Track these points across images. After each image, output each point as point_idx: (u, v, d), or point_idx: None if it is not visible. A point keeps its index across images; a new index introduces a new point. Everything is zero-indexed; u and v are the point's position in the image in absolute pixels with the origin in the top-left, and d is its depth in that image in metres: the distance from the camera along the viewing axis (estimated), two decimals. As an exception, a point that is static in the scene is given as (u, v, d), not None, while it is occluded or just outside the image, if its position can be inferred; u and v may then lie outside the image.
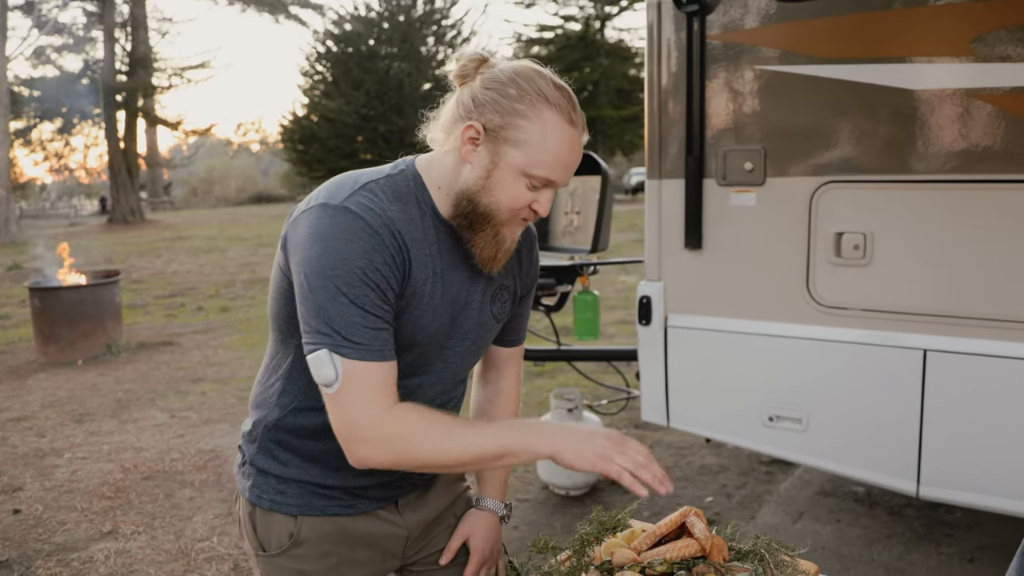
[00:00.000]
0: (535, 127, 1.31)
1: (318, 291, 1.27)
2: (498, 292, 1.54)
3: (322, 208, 1.31)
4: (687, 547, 1.43)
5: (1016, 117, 2.44)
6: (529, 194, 1.35)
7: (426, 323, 1.40)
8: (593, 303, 3.85)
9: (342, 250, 1.27)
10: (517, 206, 1.36)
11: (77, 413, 5.83)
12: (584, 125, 1.37)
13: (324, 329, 1.27)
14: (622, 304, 9.51)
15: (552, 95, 1.32)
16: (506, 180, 1.33)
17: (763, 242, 2.89)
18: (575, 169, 1.38)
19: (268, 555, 1.55)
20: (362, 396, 1.29)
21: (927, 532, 3.52)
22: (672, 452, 4.66)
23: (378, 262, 1.28)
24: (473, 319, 1.50)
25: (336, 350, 1.27)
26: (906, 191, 2.64)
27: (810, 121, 2.77)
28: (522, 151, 1.32)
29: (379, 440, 1.31)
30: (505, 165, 1.33)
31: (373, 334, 1.29)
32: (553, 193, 1.39)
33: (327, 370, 1.28)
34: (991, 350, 2.55)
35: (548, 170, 1.33)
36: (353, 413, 1.30)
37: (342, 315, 1.27)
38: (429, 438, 1.32)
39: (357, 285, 1.27)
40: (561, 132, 1.32)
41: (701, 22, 2.89)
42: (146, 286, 12.72)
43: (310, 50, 36.08)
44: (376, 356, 1.29)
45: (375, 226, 1.29)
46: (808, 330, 2.83)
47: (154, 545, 3.67)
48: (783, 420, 2.92)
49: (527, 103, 1.31)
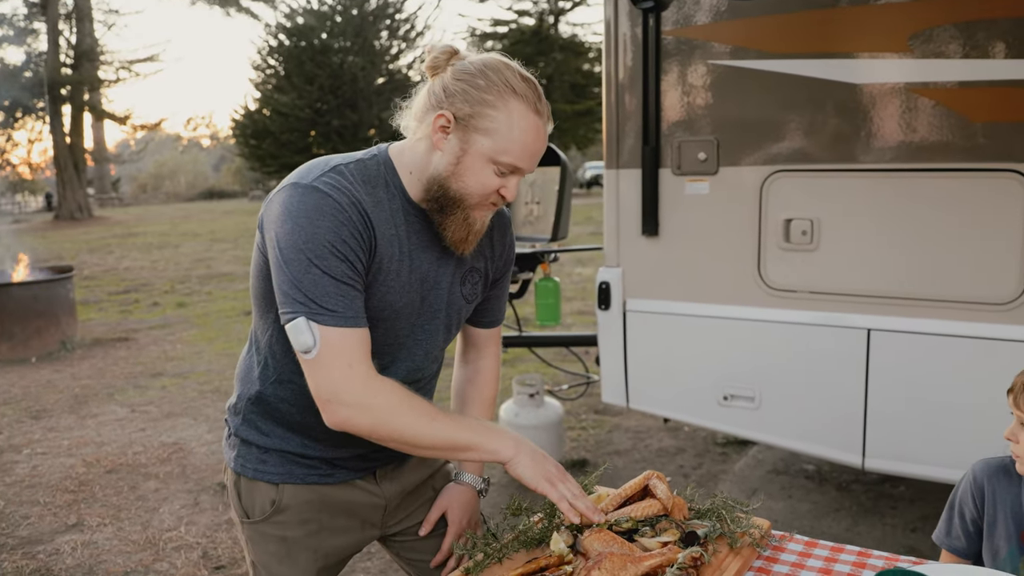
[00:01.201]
0: (502, 116, 1.38)
1: (292, 264, 1.35)
2: (468, 274, 1.62)
3: (293, 187, 1.40)
4: (650, 507, 1.54)
5: (952, 111, 2.60)
6: (497, 180, 1.43)
7: (392, 299, 1.48)
8: (554, 289, 3.96)
9: (312, 226, 1.35)
10: (485, 191, 1.44)
11: (34, 410, 5.76)
12: (549, 115, 1.46)
13: (300, 298, 1.35)
14: (579, 295, 9.65)
15: (519, 86, 1.40)
16: (475, 166, 1.42)
17: (716, 229, 3.02)
18: (540, 157, 1.47)
19: (252, 522, 1.62)
20: (340, 360, 1.37)
21: (873, 505, 3.70)
22: (631, 436, 4.79)
23: (346, 235, 1.36)
24: (443, 299, 1.58)
25: (313, 317, 1.35)
26: (851, 179, 2.79)
27: (760, 113, 2.91)
28: (490, 139, 1.39)
29: (359, 405, 1.38)
30: (474, 152, 1.41)
31: (346, 302, 1.37)
32: (520, 179, 1.47)
33: (305, 336, 1.35)
34: (931, 328, 2.71)
35: (515, 157, 1.41)
36: (332, 377, 1.37)
37: (316, 285, 1.35)
38: (408, 415, 1.41)
39: (327, 257, 1.35)
40: (527, 121, 1.40)
41: (656, 18, 3.01)
42: (99, 283, 12.52)
43: (262, 44, 35.61)
44: (351, 322, 1.37)
45: (342, 203, 1.37)
46: (759, 312, 2.97)
47: (121, 536, 3.68)
48: (737, 399, 3.06)
49: (495, 93, 1.38)
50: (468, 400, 1.79)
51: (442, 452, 1.48)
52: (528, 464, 1.45)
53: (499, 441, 1.46)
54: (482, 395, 1.79)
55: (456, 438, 1.44)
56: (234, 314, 9.48)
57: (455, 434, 1.44)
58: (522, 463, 1.45)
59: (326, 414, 1.40)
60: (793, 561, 1.50)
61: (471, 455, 1.46)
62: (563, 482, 1.46)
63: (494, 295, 1.74)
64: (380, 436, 1.43)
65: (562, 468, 1.49)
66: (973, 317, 2.64)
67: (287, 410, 1.56)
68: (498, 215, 1.67)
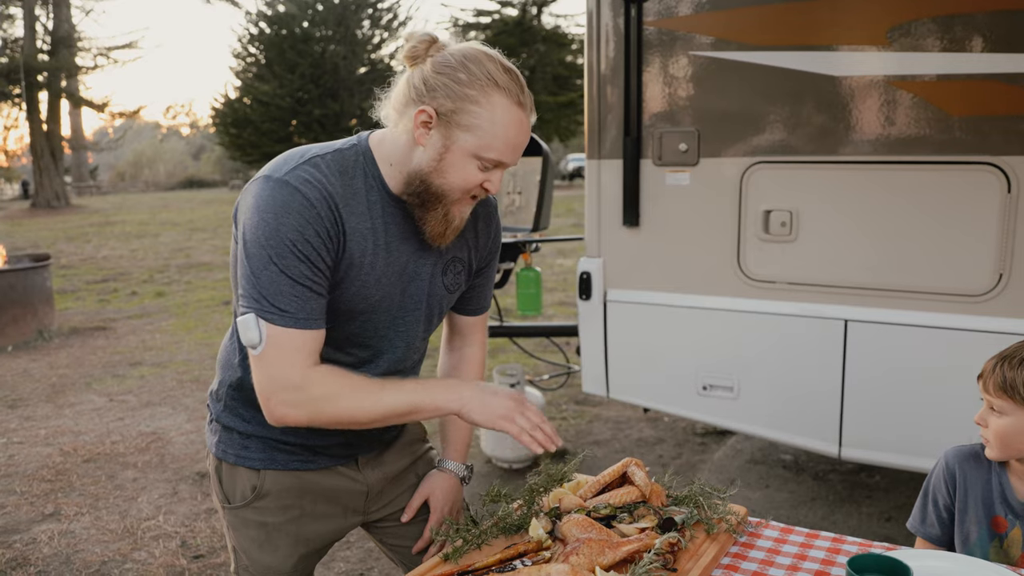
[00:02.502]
0: (485, 112, 1.36)
1: (252, 258, 1.36)
2: (450, 264, 1.61)
3: (264, 180, 1.39)
4: (629, 493, 1.56)
5: (930, 104, 2.63)
6: (480, 175, 1.41)
7: (368, 292, 1.47)
8: (535, 279, 3.97)
9: (277, 222, 1.34)
10: (468, 186, 1.42)
11: (10, 399, 5.71)
12: (532, 106, 1.43)
13: (254, 294, 1.36)
14: (560, 286, 9.67)
15: (501, 79, 1.37)
16: (458, 163, 1.40)
17: (697, 219, 3.04)
18: (523, 148, 1.45)
19: (233, 507, 1.62)
20: (283, 359, 1.37)
21: (849, 494, 3.75)
22: (610, 426, 4.82)
23: (310, 235, 1.35)
24: (423, 290, 1.57)
25: (262, 315, 1.35)
26: (830, 171, 2.81)
27: (741, 105, 2.92)
28: (473, 135, 1.37)
29: (296, 401, 1.39)
30: (457, 149, 1.38)
31: (299, 303, 1.36)
32: (503, 172, 1.47)
33: (252, 333, 1.36)
34: (906, 320, 2.74)
35: (499, 153, 1.39)
36: (273, 375, 1.38)
37: (272, 283, 1.35)
38: (348, 397, 1.41)
39: (287, 256, 1.34)
40: (510, 115, 1.38)
41: (638, 9, 3.01)
42: (76, 271, 12.39)
43: (242, 32, 35.33)
44: (301, 324, 1.37)
45: (311, 198, 1.36)
46: (738, 303, 2.99)
47: (99, 525, 3.66)
48: (716, 388, 3.08)
49: (477, 88, 1.36)
50: None
51: (389, 421, 1.47)
52: (478, 408, 1.43)
53: (443, 394, 1.44)
54: (468, 379, 1.79)
55: (398, 405, 1.42)
56: (213, 304, 9.42)
57: (396, 401, 1.42)
58: (472, 409, 1.43)
59: (265, 410, 1.41)
60: (769, 547, 1.52)
61: (419, 416, 1.46)
62: (521, 414, 1.43)
63: (479, 283, 1.74)
64: (322, 423, 1.44)
65: (520, 397, 1.46)
66: (948, 309, 2.68)
67: None
68: (483, 203, 1.66)
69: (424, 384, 1.47)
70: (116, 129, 45.47)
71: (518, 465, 4.21)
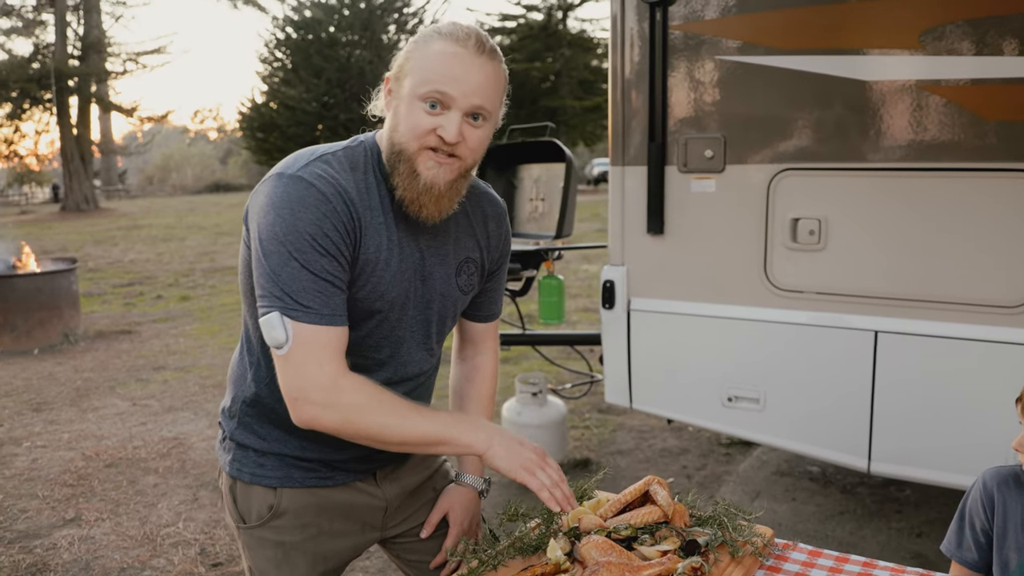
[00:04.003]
0: (420, 52, 1.37)
1: (271, 256, 1.32)
2: (464, 264, 1.58)
3: (277, 178, 1.37)
4: (650, 513, 1.50)
5: (964, 109, 2.55)
6: (429, 118, 1.35)
7: (384, 290, 1.44)
8: (558, 287, 3.92)
9: (294, 217, 1.32)
10: (418, 132, 1.36)
11: (35, 402, 5.75)
12: (481, 46, 1.36)
13: (276, 292, 1.32)
14: (584, 292, 9.61)
15: (445, 29, 1.38)
16: (405, 111, 1.37)
17: (722, 227, 2.97)
18: (479, 88, 1.36)
19: (249, 527, 1.58)
20: (311, 358, 1.34)
21: (878, 509, 3.66)
22: (634, 435, 4.75)
23: (328, 228, 1.33)
24: (437, 290, 1.54)
25: (287, 313, 1.32)
26: (860, 179, 2.74)
27: (768, 110, 2.86)
28: (411, 78, 1.37)
29: (328, 404, 1.35)
30: (404, 99, 1.37)
31: (323, 299, 1.33)
32: (461, 119, 1.35)
33: (278, 332, 1.32)
34: (938, 331, 2.66)
35: (434, 84, 1.34)
36: (302, 374, 1.34)
37: (293, 279, 1.32)
38: (377, 412, 1.38)
39: (308, 251, 1.31)
40: (447, 51, 1.35)
41: (663, 13, 2.96)
42: (103, 275, 12.52)
43: (269, 36, 35.62)
44: (326, 320, 1.34)
45: (327, 194, 1.34)
46: (765, 313, 2.92)
47: (119, 531, 3.66)
48: (741, 400, 3.02)
49: (418, 43, 1.39)
50: (466, 398, 1.75)
51: (415, 447, 1.45)
52: (503, 455, 1.41)
53: (472, 434, 1.42)
54: (480, 393, 1.75)
55: (427, 433, 1.40)
56: (237, 308, 9.44)
57: (426, 429, 1.40)
58: (497, 454, 1.41)
59: (293, 412, 1.38)
60: (796, 571, 1.46)
61: (444, 449, 1.44)
62: (543, 469, 1.42)
63: (491, 287, 1.70)
64: (348, 434, 1.40)
65: (543, 452, 1.44)
66: (982, 320, 2.60)
67: (284, 412, 1.51)
68: (492, 205, 1.63)
69: (456, 419, 1.46)
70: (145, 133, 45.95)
71: (539, 474, 4.16)
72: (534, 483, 1.40)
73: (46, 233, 20.40)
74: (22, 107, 31.77)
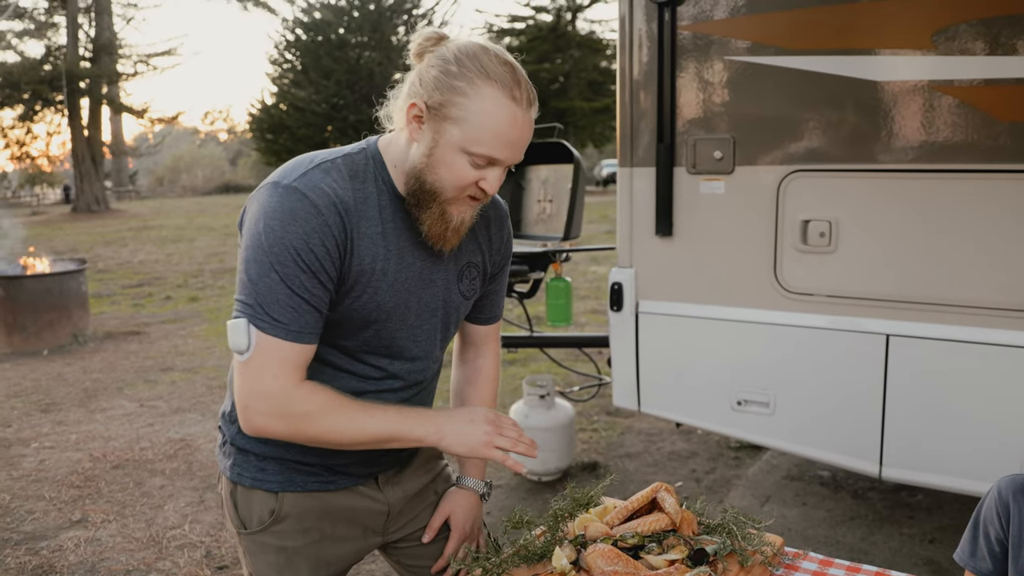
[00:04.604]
0: (473, 104, 1.30)
1: (252, 264, 1.32)
2: (465, 269, 1.56)
3: (272, 187, 1.35)
4: (658, 521, 1.48)
5: (976, 109, 2.52)
6: (473, 172, 1.35)
7: (382, 299, 1.42)
8: (565, 289, 3.90)
9: (283, 229, 1.30)
10: (461, 183, 1.35)
11: (43, 403, 5.76)
12: (531, 100, 1.35)
13: (250, 300, 1.32)
14: (593, 294, 9.57)
15: (494, 70, 1.31)
16: (447, 158, 1.33)
17: (732, 229, 2.94)
18: (522, 147, 1.37)
19: (250, 532, 1.56)
20: (267, 370, 1.33)
21: (890, 514, 3.62)
22: (642, 438, 4.72)
23: (315, 243, 1.31)
24: (439, 296, 1.52)
25: (255, 322, 1.32)
26: (871, 180, 2.70)
27: (778, 111, 2.83)
28: (460, 128, 1.31)
29: (278, 415, 1.36)
30: (445, 143, 1.33)
31: (294, 315, 1.32)
32: (502, 172, 1.38)
33: (241, 339, 1.33)
34: (951, 335, 2.62)
35: (488, 147, 1.32)
36: (256, 384, 1.34)
37: (270, 291, 1.31)
38: (326, 419, 1.38)
39: (289, 264, 1.30)
40: (501, 108, 1.31)
41: (672, 13, 2.93)
42: (112, 276, 12.55)
43: (279, 38, 35.72)
44: (292, 336, 1.33)
45: (320, 206, 1.32)
46: (775, 316, 2.89)
47: (125, 533, 3.65)
48: (751, 404, 2.98)
49: (466, 80, 1.30)
50: (468, 401, 1.73)
51: (369, 446, 1.44)
52: (456, 440, 1.43)
53: (421, 428, 1.42)
54: (481, 396, 1.73)
55: (377, 433, 1.40)
56: (246, 309, 9.46)
57: (376, 429, 1.40)
58: (450, 442, 1.43)
59: (242, 419, 1.37)
60: (807, 581, 1.44)
61: (399, 444, 1.44)
62: (500, 435, 1.43)
63: (492, 290, 1.68)
64: (300, 440, 1.42)
65: (495, 418, 1.46)
66: (996, 324, 2.56)
67: None
68: (494, 207, 1.61)
69: (405, 413, 1.44)
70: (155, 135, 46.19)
71: (548, 478, 4.13)
72: (496, 455, 1.43)
73: (57, 234, 20.49)
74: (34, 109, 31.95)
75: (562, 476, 4.17)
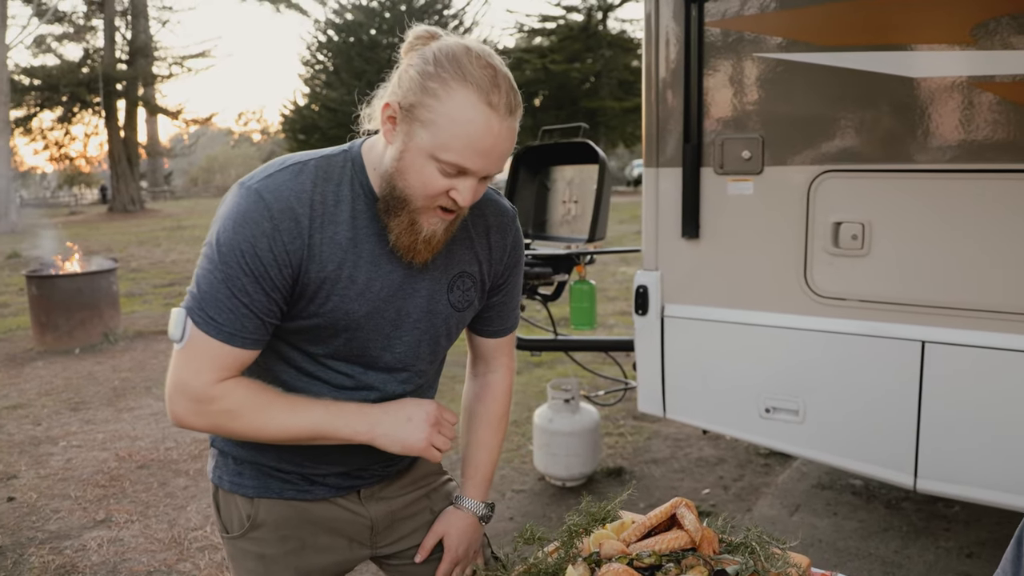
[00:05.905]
0: (443, 107, 1.21)
1: (203, 259, 1.31)
2: (457, 279, 1.47)
3: (238, 187, 1.33)
4: (677, 539, 1.40)
5: (1019, 106, 2.41)
6: (443, 180, 1.26)
7: (350, 307, 1.35)
8: (589, 292, 3.83)
9: (234, 230, 1.28)
10: (430, 192, 1.27)
11: (73, 401, 5.81)
12: (511, 107, 1.25)
13: (195, 293, 1.30)
14: (622, 295, 9.48)
15: (472, 73, 1.22)
16: (416, 163, 1.26)
17: (760, 231, 2.86)
18: (498, 158, 1.27)
19: (231, 537, 1.53)
20: (193, 364, 1.31)
21: (925, 526, 3.50)
22: (669, 444, 4.63)
23: (262, 249, 1.27)
24: (421, 307, 1.43)
25: (192, 315, 1.30)
26: (905, 181, 2.60)
27: (809, 109, 2.74)
28: (429, 132, 1.23)
29: (195, 411, 1.33)
30: (414, 147, 1.25)
31: (231, 317, 1.29)
32: (477, 183, 1.28)
33: (177, 329, 1.31)
34: (989, 342, 2.52)
35: (457, 155, 1.23)
36: (180, 376, 1.32)
37: (212, 288, 1.29)
38: (249, 416, 1.34)
39: (234, 267, 1.27)
40: (475, 113, 1.21)
41: (699, 9, 2.85)
42: (145, 275, 12.69)
43: (311, 39, 35.99)
44: (224, 337, 1.29)
45: (275, 210, 1.27)
46: (805, 321, 2.80)
47: (147, 534, 3.65)
48: (780, 411, 2.90)
49: (440, 81, 1.22)
50: (475, 417, 1.66)
51: (294, 442, 1.39)
52: (389, 441, 1.39)
53: (350, 425, 1.38)
54: (489, 412, 1.66)
55: (303, 430, 1.36)
56: (275, 309, 9.51)
57: (302, 426, 1.36)
58: (382, 441, 1.40)
59: (167, 406, 1.35)
60: (834, 605, 1.36)
61: (328, 441, 1.39)
62: (438, 432, 1.43)
63: (499, 301, 1.58)
64: (224, 435, 1.40)
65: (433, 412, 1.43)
66: (1038, 330, 2.45)
67: None
68: (498, 212, 1.52)
69: (336, 408, 1.38)
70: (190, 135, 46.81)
71: (572, 483, 4.07)
72: (435, 456, 1.43)
73: (93, 233, 20.80)
74: (72, 110, 32.56)
75: (587, 481, 4.10)
